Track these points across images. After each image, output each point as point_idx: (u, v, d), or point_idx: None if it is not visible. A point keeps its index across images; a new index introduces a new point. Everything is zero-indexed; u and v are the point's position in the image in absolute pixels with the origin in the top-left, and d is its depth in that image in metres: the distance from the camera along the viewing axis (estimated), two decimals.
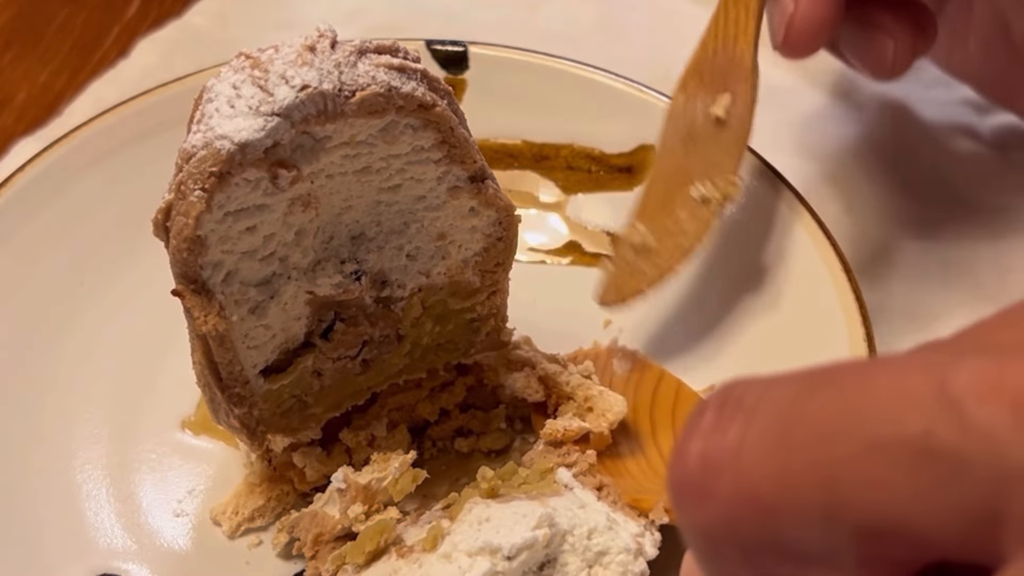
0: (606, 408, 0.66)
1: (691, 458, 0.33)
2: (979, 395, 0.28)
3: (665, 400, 0.70)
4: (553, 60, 0.85)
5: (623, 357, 0.72)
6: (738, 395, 0.33)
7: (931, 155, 0.92)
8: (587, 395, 0.67)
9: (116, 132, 0.81)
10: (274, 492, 0.69)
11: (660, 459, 0.67)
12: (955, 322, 0.81)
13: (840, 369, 0.32)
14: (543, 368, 0.68)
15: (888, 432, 0.29)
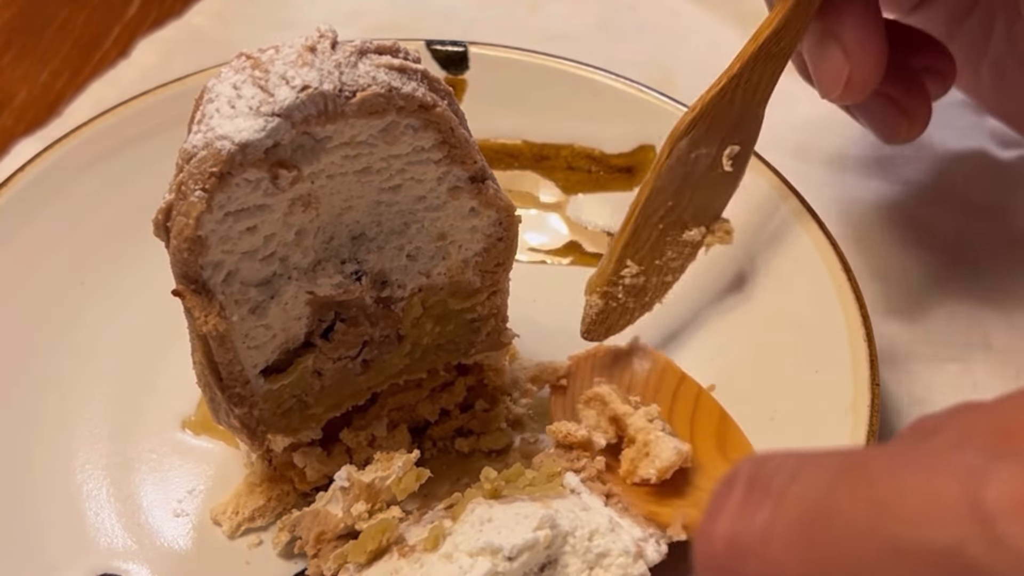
0: (657, 455, 0.64)
1: (718, 539, 0.33)
2: (1011, 511, 0.27)
3: (685, 405, 0.69)
4: (553, 60, 0.85)
5: (644, 356, 0.72)
6: (768, 475, 0.33)
7: (931, 155, 0.92)
8: (646, 440, 0.65)
9: (116, 132, 0.81)
10: (274, 492, 0.69)
11: None
12: (955, 322, 0.81)
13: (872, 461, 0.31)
14: (613, 409, 0.67)
15: (918, 540, 0.29)
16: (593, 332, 0.73)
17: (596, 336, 0.73)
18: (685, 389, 0.70)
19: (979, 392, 0.78)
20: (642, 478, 0.64)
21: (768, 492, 0.33)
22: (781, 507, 0.32)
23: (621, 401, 0.67)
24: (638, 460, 0.65)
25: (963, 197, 0.89)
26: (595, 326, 0.73)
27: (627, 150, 0.84)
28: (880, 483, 0.30)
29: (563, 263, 0.83)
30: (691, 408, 0.69)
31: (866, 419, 0.63)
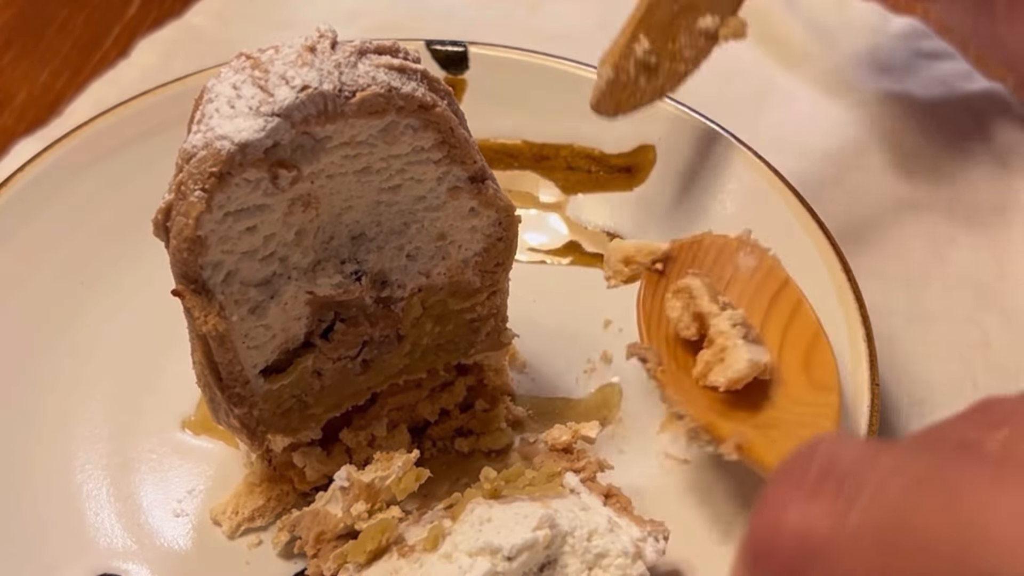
0: (731, 363, 0.61)
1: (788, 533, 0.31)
2: None
3: (781, 312, 0.65)
4: (553, 60, 0.85)
5: (751, 253, 0.68)
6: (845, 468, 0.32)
7: (931, 155, 0.92)
8: (724, 345, 0.62)
9: (116, 132, 0.81)
10: (274, 492, 0.69)
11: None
12: (955, 322, 0.81)
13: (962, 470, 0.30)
14: (699, 305, 0.64)
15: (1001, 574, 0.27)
16: (602, 104, 0.73)
17: (605, 109, 0.73)
18: (786, 295, 0.66)
19: (979, 392, 0.78)
20: (712, 383, 0.62)
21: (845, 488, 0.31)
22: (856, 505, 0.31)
23: (709, 299, 0.64)
24: (713, 363, 0.63)
25: (963, 197, 0.89)
26: (604, 97, 0.73)
27: (627, 150, 0.84)
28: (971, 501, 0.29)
29: (563, 263, 0.83)
30: (787, 317, 0.65)
31: (866, 419, 0.63)
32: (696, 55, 0.74)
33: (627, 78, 0.73)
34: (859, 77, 0.98)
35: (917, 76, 0.97)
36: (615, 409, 0.74)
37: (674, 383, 0.63)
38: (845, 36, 1.01)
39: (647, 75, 0.73)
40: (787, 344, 0.64)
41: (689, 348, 0.65)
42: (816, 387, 0.61)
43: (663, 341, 0.65)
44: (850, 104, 0.96)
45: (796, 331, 0.64)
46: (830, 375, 0.62)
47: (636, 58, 0.72)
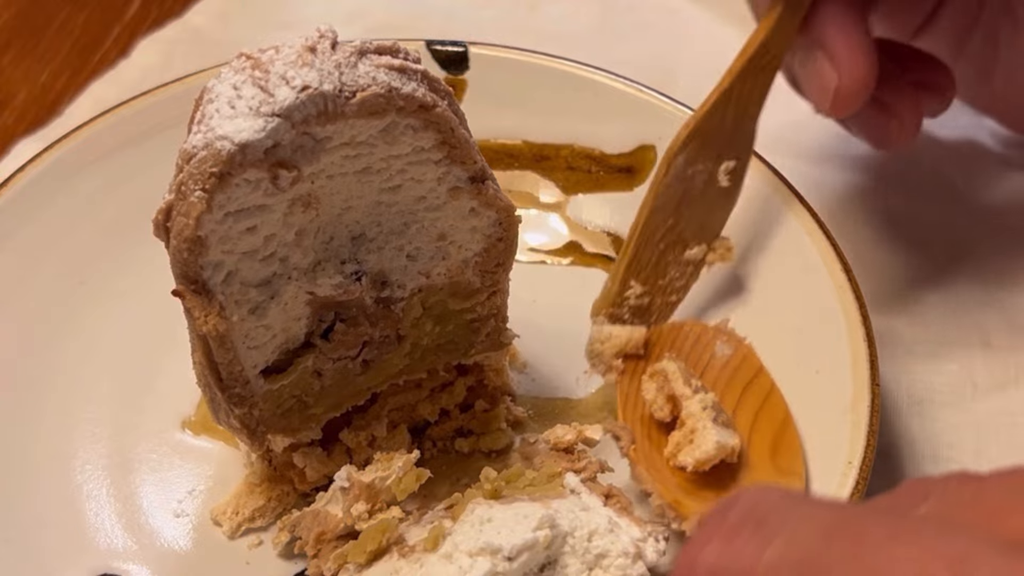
0: (699, 444, 0.64)
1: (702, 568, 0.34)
2: None
3: (754, 399, 0.68)
4: (553, 60, 0.85)
5: (727, 341, 0.70)
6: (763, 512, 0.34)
7: (931, 155, 0.92)
8: (694, 427, 0.65)
9: (116, 132, 0.81)
10: (274, 492, 0.69)
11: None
12: (955, 322, 0.81)
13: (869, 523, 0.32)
14: (672, 388, 0.67)
15: None
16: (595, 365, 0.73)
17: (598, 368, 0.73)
18: (758, 384, 0.69)
19: (979, 392, 0.78)
20: (681, 464, 0.64)
21: (762, 530, 0.33)
22: (773, 549, 0.33)
23: (683, 382, 0.66)
24: (683, 444, 0.65)
25: (964, 197, 0.89)
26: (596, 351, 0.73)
27: (627, 150, 0.84)
28: (874, 548, 0.31)
29: (563, 263, 0.83)
30: (759, 404, 0.68)
31: (866, 419, 0.63)
32: (686, 283, 0.75)
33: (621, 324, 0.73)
34: None
35: None
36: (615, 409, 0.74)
37: (646, 461, 0.65)
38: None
39: (640, 315, 0.73)
40: (757, 430, 0.66)
41: (663, 429, 0.68)
42: (781, 472, 0.64)
43: (638, 420, 0.68)
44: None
45: (766, 418, 0.67)
46: (795, 462, 0.64)
47: (630, 305, 0.73)
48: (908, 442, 0.76)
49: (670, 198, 0.73)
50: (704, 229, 0.75)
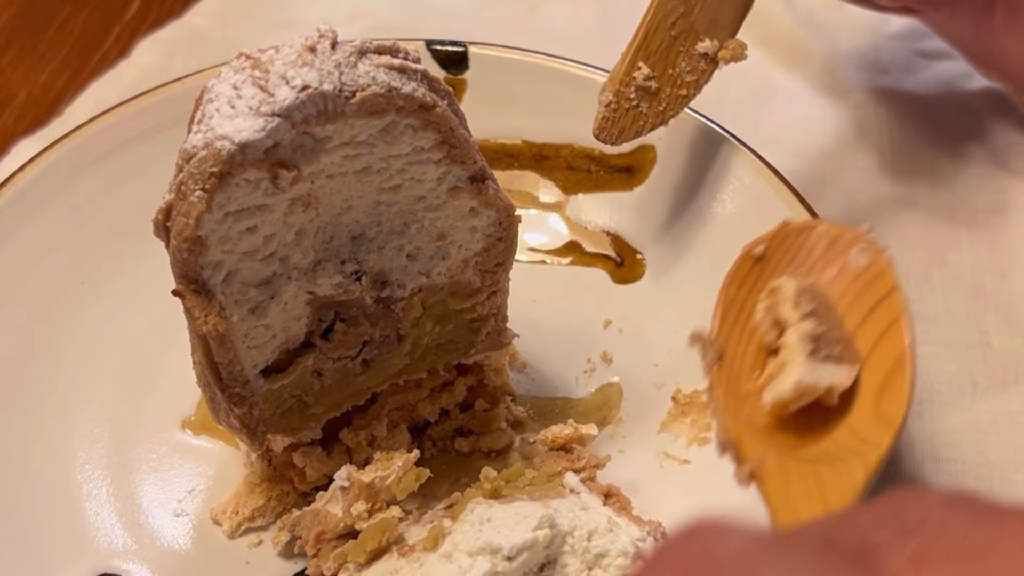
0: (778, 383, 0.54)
1: None
2: None
3: (877, 325, 0.56)
4: (553, 60, 0.85)
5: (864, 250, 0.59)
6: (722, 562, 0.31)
7: (931, 155, 0.92)
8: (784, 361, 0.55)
9: (116, 132, 0.81)
10: (274, 492, 0.69)
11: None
12: (955, 322, 0.81)
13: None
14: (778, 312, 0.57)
15: None
16: (605, 131, 0.74)
17: (608, 137, 0.75)
18: (888, 305, 0.57)
19: (979, 392, 0.78)
20: (764, 401, 0.55)
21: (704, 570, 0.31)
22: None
23: (792, 305, 0.57)
24: (773, 377, 0.56)
25: (963, 197, 0.89)
26: (607, 124, 0.74)
27: (627, 150, 0.84)
28: None
29: (563, 263, 0.83)
30: (881, 330, 0.56)
31: None
32: (697, 79, 0.75)
33: (628, 104, 0.74)
34: (859, 77, 0.98)
35: (917, 76, 0.97)
36: (615, 409, 0.74)
37: (728, 386, 0.57)
38: (845, 36, 1.01)
39: (648, 100, 0.74)
40: (870, 364, 0.55)
41: (770, 354, 0.58)
42: (879, 421, 0.53)
43: (743, 336, 0.59)
44: (850, 104, 0.96)
45: (885, 349, 0.55)
46: (897, 408, 0.53)
47: (636, 84, 0.74)
48: (908, 442, 0.75)
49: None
50: (716, 24, 0.75)
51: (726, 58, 0.75)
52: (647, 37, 0.74)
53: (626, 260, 0.82)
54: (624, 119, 0.74)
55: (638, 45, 0.74)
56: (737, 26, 0.76)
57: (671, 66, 0.75)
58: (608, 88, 0.75)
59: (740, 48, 0.75)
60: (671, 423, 0.72)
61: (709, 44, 0.75)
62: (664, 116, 0.75)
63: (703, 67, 0.75)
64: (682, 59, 0.75)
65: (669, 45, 0.74)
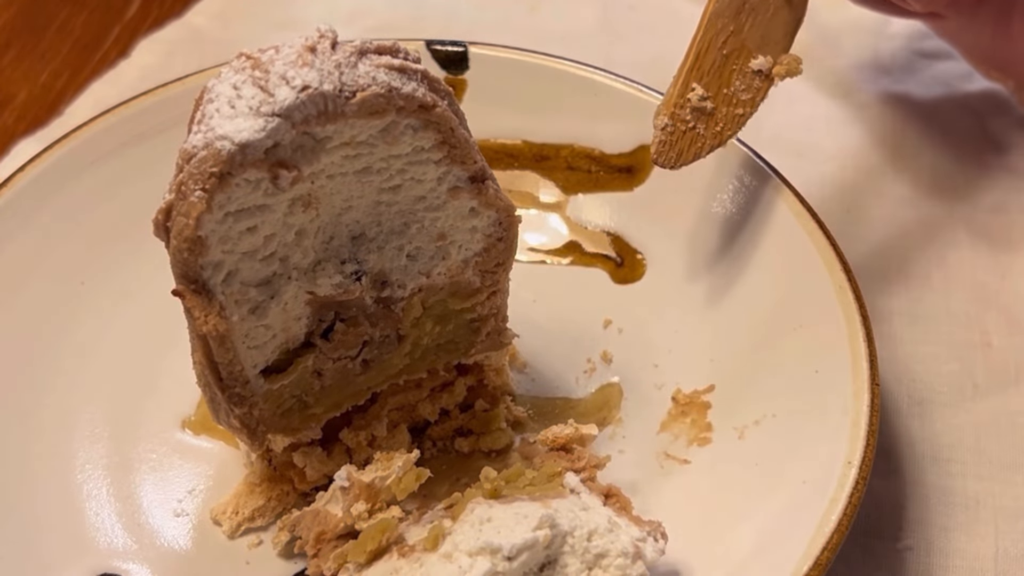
0: None
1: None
2: None
3: None
4: (553, 60, 0.85)
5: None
6: None
7: (931, 155, 0.92)
8: None
9: (116, 132, 0.81)
10: (274, 492, 0.69)
11: None
12: (955, 322, 0.81)
13: None
14: None
15: None
16: (663, 156, 0.73)
17: (666, 161, 0.73)
18: None
19: (979, 392, 0.78)
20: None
21: None
22: None
23: None
24: None
25: (964, 198, 0.89)
26: (664, 148, 0.72)
27: (627, 150, 0.84)
28: None
29: (563, 263, 0.83)
30: None
31: (866, 419, 0.63)
32: (753, 96, 0.74)
33: (684, 126, 0.72)
34: (859, 78, 0.98)
35: (917, 76, 0.97)
36: (615, 409, 0.74)
37: None
38: (846, 37, 1.01)
39: (705, 121, 0.72)
40: None
41: None
42: None
43: None
44: (850, 105, 0.96)
45: None
46: None
47: (691, 105, 0.72)
48: (908, 442, 0.76)
49: (729, 3, 0.73)
50: (768, 40, 0.74)
51: (781, 74, 0.74)
52: (699, 57, 0.73)
53: (626, 260, 0.82)
54: (681, 142, 0.73)
55: (690, 66, 0.73)
56: (790, 41, 0.75)
57: (725, 85, 0.73)
58: (662, 111, 0.73)
59: (795, 63, 0.74)
60: (671, 423, 0.72)
61: (763, 61, 0.73)
62: (722, 136, 0.73)
63: (758, 84, 0.73)
64: (736, 77, 0.73)
65: (722, 64, 0.73)
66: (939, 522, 0.71)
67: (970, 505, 0.72)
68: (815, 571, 0.57)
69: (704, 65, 0.73)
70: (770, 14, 0.74)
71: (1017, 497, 0.72)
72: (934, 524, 0.71)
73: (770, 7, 0.73)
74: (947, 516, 0.72)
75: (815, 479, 0.63)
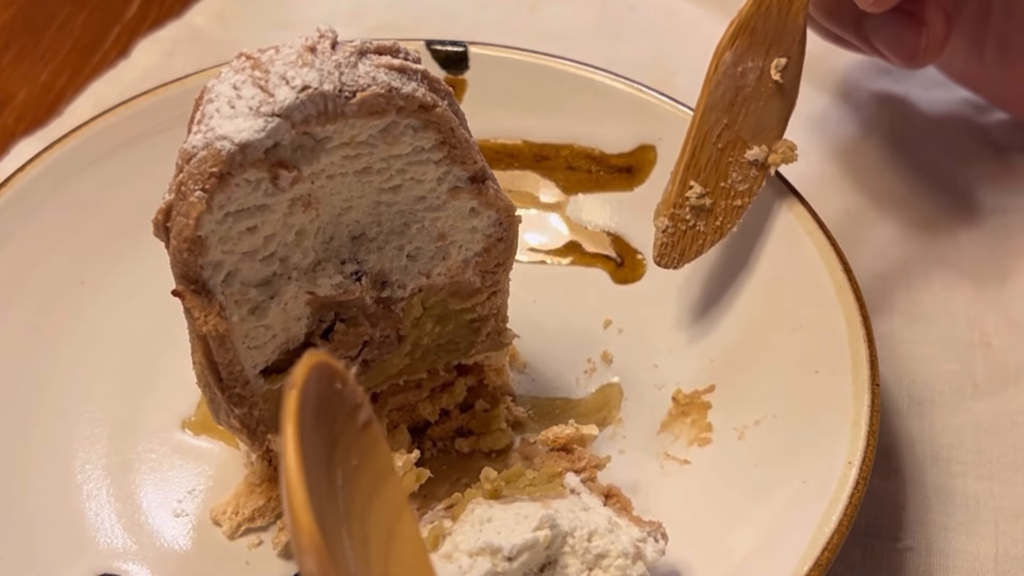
0: None
1: None
2: None
3: None
4: (553, 60, 0.85)
5: None
6: None
7: (931, 155, 0.92)
8: None
9: (116, 132, 0.81)
10: (274, 492, 0.69)
11: None
12: (955, 322, 0.81)
13: None
14: None
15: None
16: (665, 257, 0.73)
17: (669, 262, 0.73)
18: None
19: (979, 392, 0.78)
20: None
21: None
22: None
23: None
24: None
25: (964, 198, 0.89)
26: (666, 250, 0.73)
27: (627, 150, 0.84)
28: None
29: (563, 263, 0.83)
30: None
31: (866, 419, 0.63)
32: (750, 186, 0.74)
33: (685, 226, 0.73)
34: (860, 77, 0.98)
35: (917, 76, 0.97)
36: (615, 409, 0.74)
37: None
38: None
39: (704, 218, 0.73)
40: None
41: None
42: None
43: None
44: (850, 104, 0.96)
45: None
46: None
47: (690, 204, 0.72)
48: (908, 442, 0.76)
49: (721, 96, 0.73)
50: (762, 129, 0.74)
51: (777, 162, 0.74)
52: (694, 154, 0.73)
53: (626, 260, 0.82)
54: (683, 241, 0.73)
55: (687, 164, 0.73)
56: (783, 128, 0.75)
57: (722, 179, 0.73)
58: (662, 212, 0.73)
59: (790, 150, 0.74)
60: (671, 423, 0.72)
61: (758, 151, 0.73)
62: (722, 230, 0.73)
63: (754, 174, 0.74)
64: (732, 170, 0.73)
65: (718, 158, 0.73)
66: (939, 522, 0.71)
67: (970, 505, 0.72)
68: (815, 571, 0.57)
69: (700, 161, 0.73)
70: (763, 103, 0.74)
71: (1017, 497, 0.72)
72: (934, 524, 0.71)
73: (762, 96, 0.74)
74: (947, 516, 0.72)
75: (815, 479, 0.63)
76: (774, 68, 0.73)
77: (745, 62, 0.73)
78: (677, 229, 0.73)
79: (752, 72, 0.73)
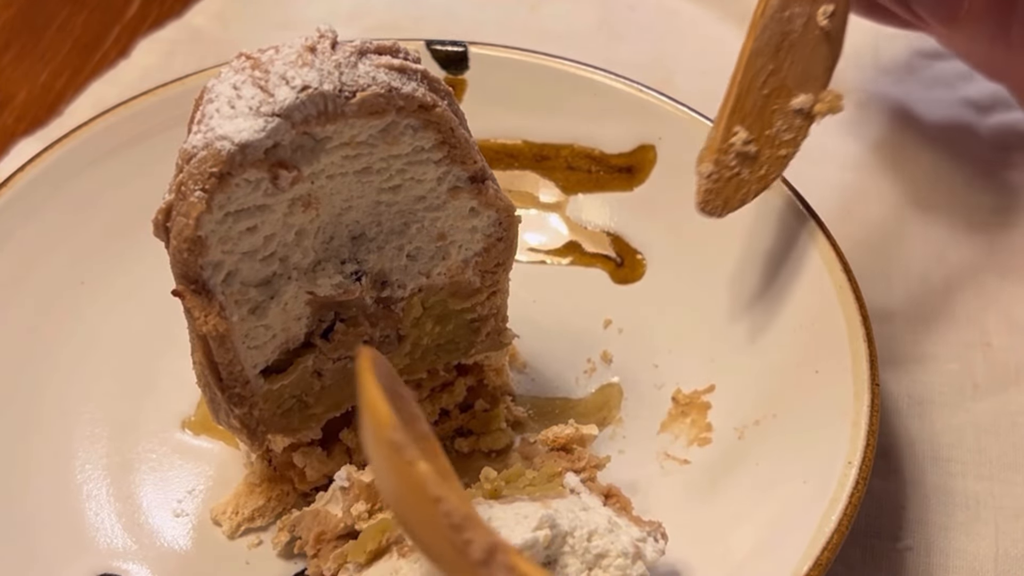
0: None
1: None
2: None
3: None
4: (553, 60, 0.85)
5: None
6: None
7: (931, 155, 0.92)
8: None
9: (116, 132, 0.81)
10: (274, 492, 0.69)
11: None
12: (955, 322, 0.81)
13: None
14: None
15: None
16: (709, 204, 0.71)
17: (713, 209, 0.71)
18: None
19: (979, 392, 0.78)
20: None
21: None
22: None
23: None
24: None
25: (964, 198, 0.89)
26: (710, 196, 0.70)
27: (627, 150, 0.84)
28: None
29: (563, 263, 0.83)
30: None
31: (866, 419, 0.63)
32: (795, 136, 0.72)
33: (729, 172, 0.70)
34: (860, 77, 0.98)
35: (917, 76, 0.97)
36: (615, 409, 0.74)
37: None
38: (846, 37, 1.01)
39: (749, 165, 0.71)
40: None
41: None
42: None
43: None
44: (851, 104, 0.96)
45: None
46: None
47: (736, 150, 0.70)
48: (908, 442, 0.76)
49: (768, 41, 0.71)
50: (808, 77, 0.72)
51: (823, 111, 0.72)
52: (740, 99, 0.71)
53: (626, 260, 0.82)
54: (727, 188, 0.71)
55: (732, 108, 0.71)
56: (829, 76, 0.73)
57: (767, 126, 0.71)
58: (706, 158, 0.71)
59: (836, 99, 0.72)
60: (671, 423, 0.72)
61: (804, 99, 0.71)
62: (766, 179, 0.71)
63: (799, 123, 0.72)
64: (777, 117, 0.71)
65: (763, 105, 0.71)
66: (939, 522, 0.71)
67: (970, 505, 0.72)
68: (815, 571, 0.57)
69: (746, 107, 0.71)
70: (809, 50, 0.72)
71: (1017, 497, 0.72)
72: (934, 524, 0.71)
73: (809, 43, 0.72)
74: (947, 516, 0.72)
75: (815, 479, 0.63)
76: (821, 14, 0.71)
77: (792, 7, 0.71)
78: (721, 176, 0.70)
79: (799, 17, 0.71)
